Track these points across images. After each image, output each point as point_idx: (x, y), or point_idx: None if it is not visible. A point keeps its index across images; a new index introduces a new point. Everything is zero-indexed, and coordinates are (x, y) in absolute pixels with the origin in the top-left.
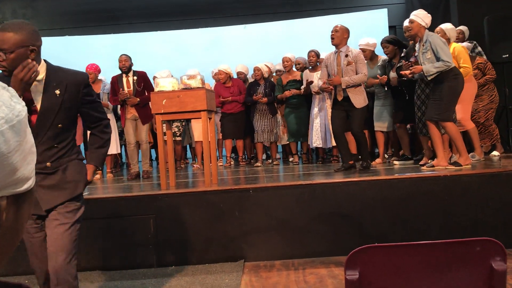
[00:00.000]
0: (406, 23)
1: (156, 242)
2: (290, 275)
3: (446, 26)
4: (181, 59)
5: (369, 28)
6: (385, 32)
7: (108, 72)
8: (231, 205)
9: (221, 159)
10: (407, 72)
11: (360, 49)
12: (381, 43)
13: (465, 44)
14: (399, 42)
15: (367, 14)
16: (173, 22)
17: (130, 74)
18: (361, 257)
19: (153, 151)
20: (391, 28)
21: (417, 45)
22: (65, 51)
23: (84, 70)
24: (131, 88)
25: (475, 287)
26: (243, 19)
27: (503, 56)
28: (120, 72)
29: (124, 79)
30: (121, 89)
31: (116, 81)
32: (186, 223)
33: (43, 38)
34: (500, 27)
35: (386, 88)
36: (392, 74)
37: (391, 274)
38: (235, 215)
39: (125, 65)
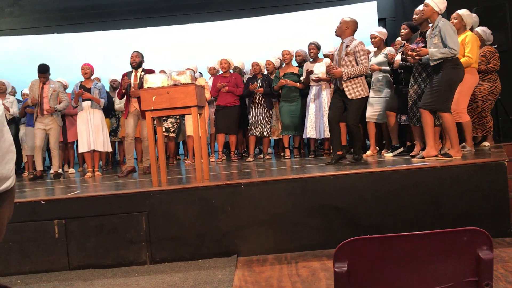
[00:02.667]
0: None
1: (149, 239)
2: (283, 269)
3: (463, 12)
4: (173, 55)
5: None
6: (374, 25)
7: (99, 69)
8: (223, 201)
9: (213, 155)
10: (414, 53)
11: (371, 35)
12: (402, 24)
13: (484, 28)
14: (416, 31)
15: (356, 7)
16: (164, 18)
17: (139, 70)
18: (350, 249)
19: None
20: (381, 20)
21: (428, 30)
22: (53, 49)
23: (73, 68)
24: (137, 82)
25: (462, 276)
26: (234, 14)
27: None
28: (131, 68)
29: (133, 74)
30: (125, 77)
31: (126, 76)
32: (178, 219)
33: (30, 37)
34: (488, 18)
35: (390, 68)
36: (397, 57)
37: (380, 265)
38: (227, 210)
39: (135, 61)
